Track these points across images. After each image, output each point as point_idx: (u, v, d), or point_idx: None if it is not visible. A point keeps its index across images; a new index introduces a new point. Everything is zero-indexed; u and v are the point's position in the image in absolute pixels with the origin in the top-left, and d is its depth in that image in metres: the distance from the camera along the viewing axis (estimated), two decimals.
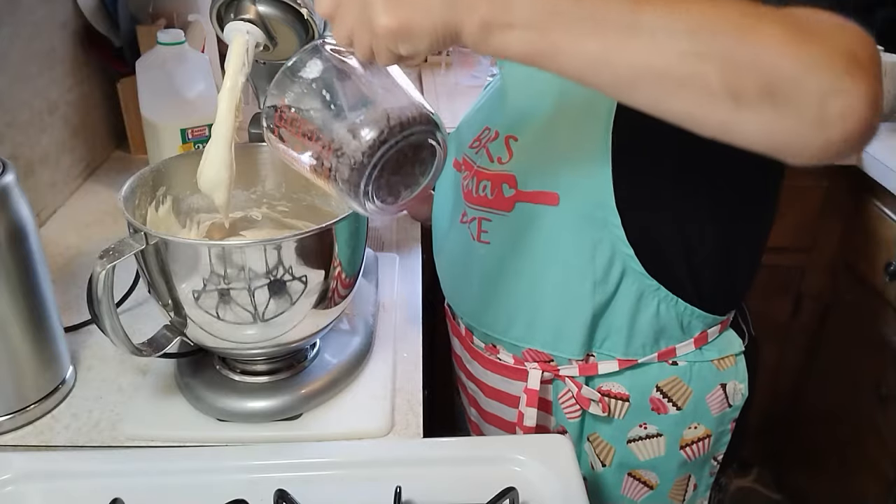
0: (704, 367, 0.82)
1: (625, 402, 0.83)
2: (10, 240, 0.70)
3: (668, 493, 0.88)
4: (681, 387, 0.82)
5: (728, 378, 0.84)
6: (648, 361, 0.81)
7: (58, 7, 1.23)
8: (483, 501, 0.64)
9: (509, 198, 0.78)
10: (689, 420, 0.84)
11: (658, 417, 0.83)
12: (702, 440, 0.85)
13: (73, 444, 0.74)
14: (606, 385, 0.83)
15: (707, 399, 0.83)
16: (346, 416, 0.77)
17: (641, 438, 0.85)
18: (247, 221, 0.88)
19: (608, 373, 0.82)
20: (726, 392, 0.84)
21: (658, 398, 0.83)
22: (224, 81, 0.72)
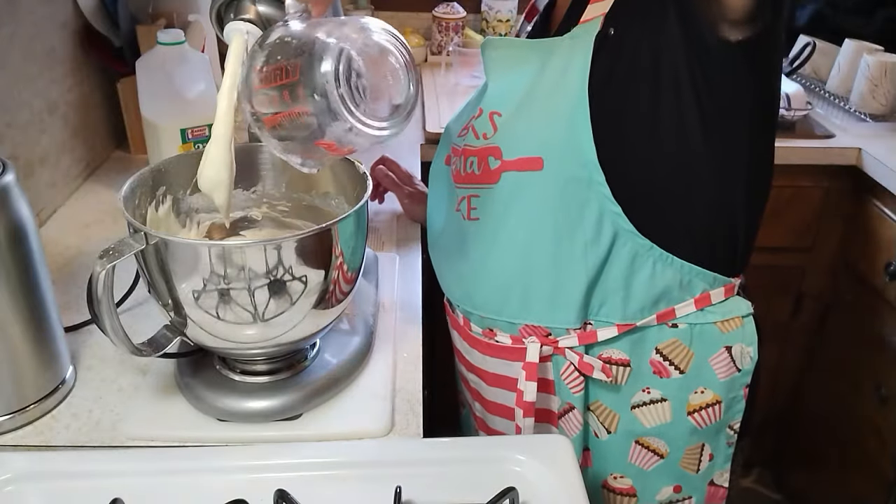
0: (707, 328, 0.81)
1: (626, 367, 0.83)
2: (10, 240, 0.70)
3: (679, 462, 0.86)
4: (681, 349, 0.82)
5: (734, 340, 0.82)
6: (647, 324, 0.81)
7: (58, 7, 1.23)
8: (483, 501, 0.64)
9: (495, 169, 0.80)
10: (694, 384, 0.83)
11: (660, 381, 0.83)
12: (711, 406, 0.84)
13: (73, 444, 0.74)
14: (606, 352, 0.83)
15: (711, 362, 0.82)
16: (346, 416, 0.77)
17: (646, 404, 0.84)
18: (247, 221, 0.88)
19: (607, 339, 0.82)
20: (732, 355, 0.82)
21: (658, 361, 0.82)
22: (223, 81, 0.72)
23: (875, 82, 1.63)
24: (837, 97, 1.74)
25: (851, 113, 1.67)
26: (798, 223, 1.63)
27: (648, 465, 0.87)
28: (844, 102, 1.71)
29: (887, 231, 1.48)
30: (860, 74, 1.65)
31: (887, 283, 1.45)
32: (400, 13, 2.07)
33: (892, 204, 1.47)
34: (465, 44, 1.91)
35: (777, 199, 1.58)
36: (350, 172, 0.82)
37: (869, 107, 1.65)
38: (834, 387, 1.69)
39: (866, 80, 1.64)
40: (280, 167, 0.87)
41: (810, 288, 1.71)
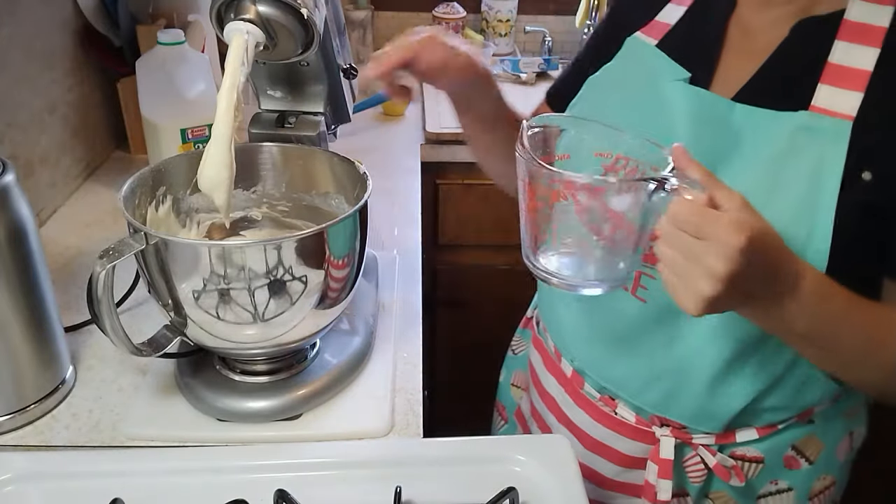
0: (837, 419, 0.81)
1: (759, 463, 0.79)
2: (10, 240, 0.70)
3: None
4: (815, 444, 0.80)
5: (855, 426, 0.83)
6: (789, 425, 0.78)
7: (58, 7, 1.23)
8: (483, 501, 0.64)
9: None
10: (820, 472, 0.82)
11: (790, 472, 0.80)
12: (828, 488, 0.84)
13: (73, 444, 0.74)
14: (740, 450, 0.78)
15: (836, 449, 0.82)
16: (346, 416, 0.77)
17: (772, 494, 0.81)
18: (247, 221, 0.88)
19: (745, 440, 0.78)
20: (852, 438, 0.84)
21: (792, 455, 0.79)
22: (223, 81, 0.72)
23: None
24: None
25: None
26: None
27: None
28: None
29: None
30: None
31: None
32: (400, 13, 2.07)
33: None
34: None
35: None
36: (350, 172, 0.82)
37: None
38: None
39: None
40: (280, 167, 0.87)
41: None
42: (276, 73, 0.92)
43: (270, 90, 0.94)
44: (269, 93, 0.95)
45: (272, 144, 0.87)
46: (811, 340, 0.64)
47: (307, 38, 0.79)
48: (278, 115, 0.94)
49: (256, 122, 0.93)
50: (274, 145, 0.87)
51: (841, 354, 0.66)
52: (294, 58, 0.81)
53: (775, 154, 0.66)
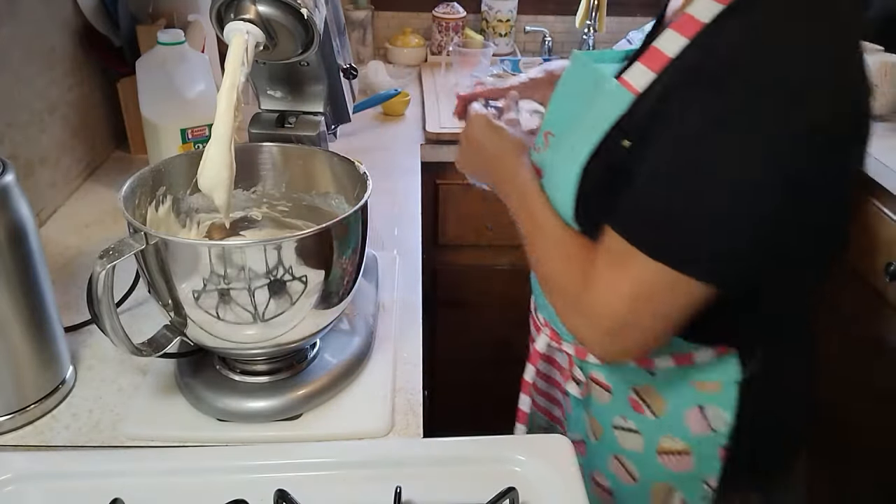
0: (682, 385, 0.82)
1: (607, 391, 0.87)
2: (10, 240, 0.70)
3: (649, 492, 0.88)
4: (655, 396, 0.84)
5: (708, 402, 0.82)
6: (627, 365, 0.84)
7: (58, 7, 1.23)
8: (483, 501, 0.64)
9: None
10: (666, 429, 0.84)
11: (636, 415, 0.85)
12: (681, 454, 0.84)
13: (73, 444, 0.74)
14: (595, 373, 0.88)
15: (684, 415, 0.83)
16: (346, 416, 0.77)
17: (623, 429, 0.87)
18: (247, 221, 0.88)
19: (595, 362, 0.88)
20: (705, 415, 0.82)
21: (635, 399, 0.85)
22: (223, 81, 0.72)
23: (875, 82, 1.63)
24: None
25: None
26: None
27: (624, 482, 0.89)
28: None
29: (887, 231, 1.48)
30: None
31: (887, 283, 1.45)
32: (400, 13, 2.07)
33: (892, 204, 1.46)
34: (465, 44, 1.91)
35: None
36: (350, 172, 0.82)
37: None
38: (833, 387, 1.69)
39: None
40: (280, 167, 0.87)
41: None
42: (276, 73, 0.92)
43: (270, 90, 0.95)
44: (269, 93, 0.95)
45: (272, 144, 0.87)
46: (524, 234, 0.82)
47: (307, 38, 0.79)
48: (278, 115, 0.94)
49: (256, 122, 0.93)
50: (274, 145, 0.87)
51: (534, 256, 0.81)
52: (294, 58, 0.82)
53: (585, 106, 0.78)
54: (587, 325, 0.73)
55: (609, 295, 0.70)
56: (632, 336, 0.71)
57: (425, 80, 1.87)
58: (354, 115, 1.13)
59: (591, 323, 0.72)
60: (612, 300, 0.70)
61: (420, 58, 2.01)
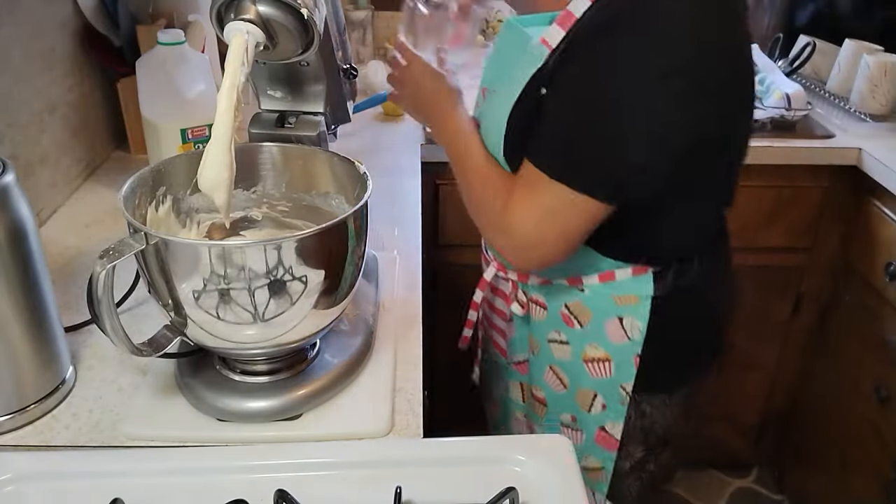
0: (605, 299, 0.96)
1: (543, 309, 1.02)
2: (10, 240, 0.70)
3: (574, 398, 1.03)
4: (583, 310, 0.98)
5: (626, 313, 0.96)
6: (561, 283, 0.99)
7: (58, 7, 1.23)
8: (483, 501, 0.64)
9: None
10: (590, 339, 0.98)
11: (566, 329, 1.00)
12: (602, 361, 0.99)
13: (73, 444, 0.74)
14: (534, 294, 1.03)
15: (605, 326, 0.97)
16: (346, 416, 0.77)
17: (556, 341, 1.02)
18: (247, 221, 0.88)
19: (534, 285, 1.02)
20: (623, 325, 0.96)
21: (566, 314, 1.00)
22: (223, 81, 0.72)
23: (875, 82, 1.63)
24: (837, 97, 1.74)
25: (851, 113, 1.67)
26: (798, 223, 1.63)
27: (556, 389, 1.05)
28: (844, 102, 1.71)
29: (887, 231, 1.48)
30: (860, 74, 1.65)
31: (887, 283, 1.45)
32: (400, 13, 2.07)
33: (892, 204, 1.47)
34: None
35: (777, 199, 1.59)
36: (350, 172, 0.82)
37: (869, 107, 1.65)
38: (834, 387, 1.69)
39: (866, 81, 1.64)
40: (280, 167, 0.87)
41: (810, 288, 1.71)
42: (276, 73, 0.92)
43: (270, 90, 0.95)
44: (269, 93, 0.95)
45: (272, 144, 0.87)
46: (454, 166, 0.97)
47: (307, 38, 0.79)
48: (278, 115, 0.94)
49: (256, 122, 0.93)
50: (274, 145, 0.87)
51: (463, 184, 0.95)
52: (294, 58, 0.82)
53: (514, 62, 0.91)
54: (505, 241, 0.88)
55: (521, 215, 0.85)
56: (540, 250, 0.86)
57: None
58: (354, 115, 1.13)
59: (508, 240, 0.88)
60: (524, 219, 0.85)
61: None
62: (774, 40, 1.86)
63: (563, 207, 0.82)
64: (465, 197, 0.96)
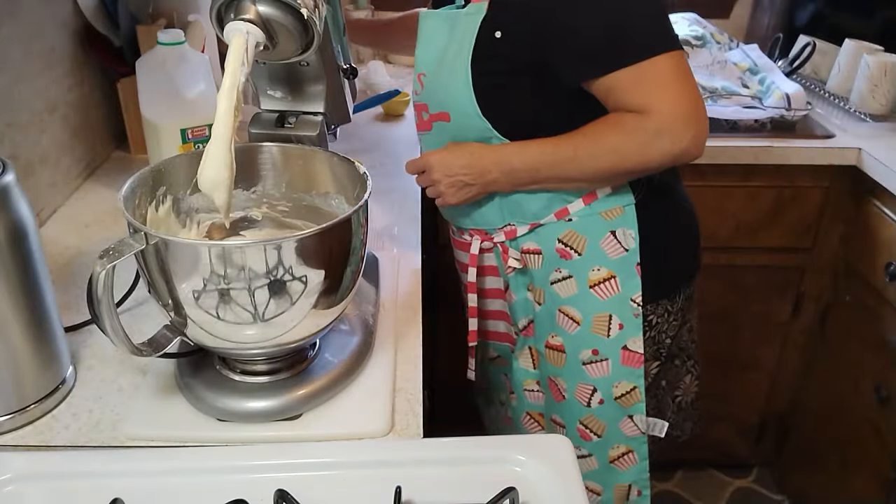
0: (593, 218, 1.01)
1: (538, 255, 1.05)
2: (10, 240, 0.70)
3: (590, 329, 1.05)
4: (576, 237, 1.02)
5: (616, 226, 1.01)
6: (549, 221, 1.03)
7: (58, 7, 1.23)
8: (483, 501, 0.64)
9: (427, 120, 1.06)
10: (591, 263, 1.02)
11: (565, 262, 1.04)
12: (607, 280, 1.03)
13: (73, 444, 0.74)
14: (526, 244, 1.06)
15: (601, 245, 1.02)
16: (346, 416, 0.77)
17: (559, 281, 1.05)
18: (247, 221, 0.88)
19: (523, 234, 1.05)
20: (617, 237, 1.01)
21: (562, 248, 1.03)
22: (223, 81, 0.72)
23: (875, 82, 1.63)
24: (837, 97, 1.74)
25: (851, 113, 1.67)
26: (798, 223, 1.63)
27: (571, 330, 1.06)
28: (844, 102, 1.71)
29: (887, 231, 1.48)
30: (860, 74, 1.65)
31: (887, 283, 1.45)
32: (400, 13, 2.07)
33: (892, 204, 1.46)
34: None
35: (777, 199, 1.59)
36: (350, 172, 0.82)
37: (869, 107, 1.65)
38: (834, 387, 1.69)
39: (866, 80, 1.64)
40: (280, 167, 0.87)
41: (810, 288, 1.71)
42: (276, 73, 0.92)
43: (270, 90, 0.95)
44: (269, 93, 0.95)
45: (272, 144, 0.87)
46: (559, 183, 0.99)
47: (307, 38, 0.79)
48: (278, 115, 0.94)
49: (256, 122, 0.93)
50: (274, 145, 0.87)
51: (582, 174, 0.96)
52: (294, 58, 0.82)
53: (446, 41, 0.99)
54: (672, 139, 0.88)
55: (664, 105, 0.87)
56: (701, 112, 0.88)
57: None
58: (354, 115, 1.13)
59: (674, 133, 0.88)
60: (671, 105, 0.87)
61: None
62: (774, 40, 1.86)
63: (677, 70, 0.87)
64: (599, 173, 0.96)
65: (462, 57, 0.95)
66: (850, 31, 1.77)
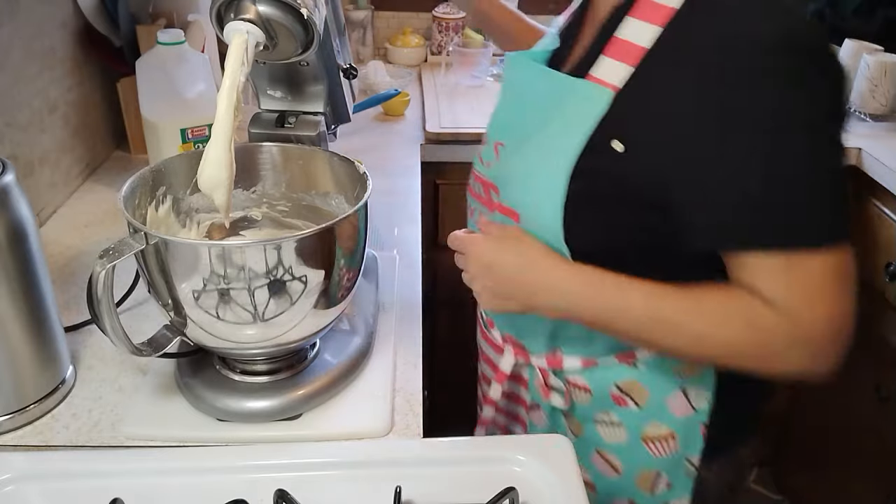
0: (664, 372, 0.83)
1: (587, 392, 0.86)
2: (10, 240, 0.70)
3: (634, 482, 0.89)
4: (639, 388, 0.84)
5: (690, 384, 0.84)
6: (608, 363, 0.84)
7: (58, 7, 1.23)
8: (483, 501, 0.64)
9: (493, 202, 0.84)
10: (650, 417, 0.85)
11: (619, 409, 0.85)
12: (666, 439, 0.86)
13: (72, 444, 0.74)
14: (572, 378, 0.86)
15: (667, 401, 0.84)
16: (346, 416, 0.77)
17: (605, 423, 0.87)
18: (247, 221, 0.88)
19: (572, 369, 0.85)
20: (688, 397, 0.84)
21: (618, 394, 0.85)
22: (223, 81, 0.72)
23: (875, 82, 1.63)
24: None
25: (851, 113, 1.67)
26: None
27: (608, 475, 0.90)
28: None
29: (887, 231, 1.48)
30: (860, 74, 1.65)
31: (887, 283, 1.45)
32: (400, 13, 2.07)
33: (892, 204, 1.46)
34: (465, 44, 1.91)
35: None
36: (350, 172, 0.82)
37: (869, 107, 1.65)
38: (834, 387, 1.69)
39: (866, 80, 1.64)
40: (280, 167, 0.87)
41: None
42: (276, 73, 0.92)
43: (270, 90, 0.95)
44: (269, 93, 0.95)
45: (272, 144, 0.87)
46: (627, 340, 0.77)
47: (307, 38, 0.79)
48: (278, 115, 0.94)
49: (256, 122, 0.93)
50: (274, 145, 0.87)
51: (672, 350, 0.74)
52: (294, 58, 0.81)
53: (544, 114, 0.75)
54: (813, 356, 0.68)
55: (813, 311, 0.67)
56: (851, 328, 0.68)
57: (425, 80, 1.87)
58: (354, 115, 1.13)
59: (817, 350, 0.68)
60: (819, 311, 0.66)
61: (420, 58, 2.01)
62: None
63: (838, 272, 0.67)
64: (709, 360, 0.76)
65: (562, 159, 0.71)
66: (850, 31, 1.77)
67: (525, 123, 0.78)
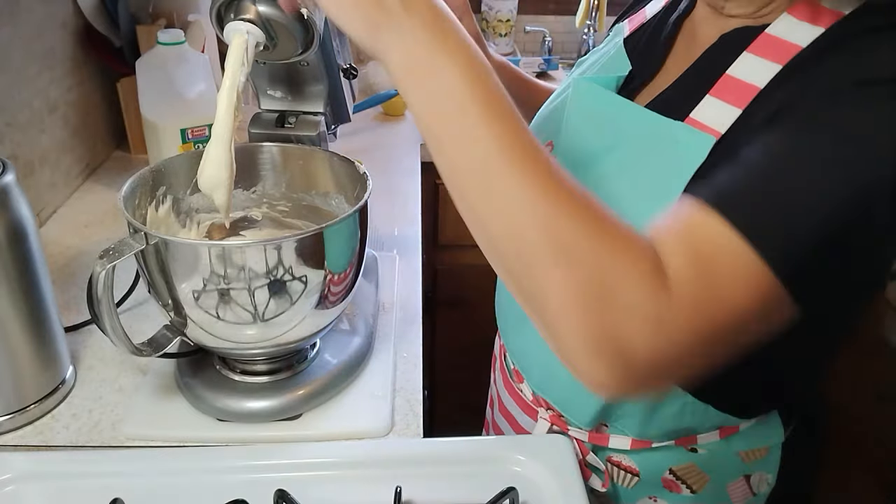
0: (729, 457, 0.76)
1: (634, 475, 0.77)
2: (10, 240, 0.70)
3: None
4: (697, 474, 0.76)
5: (754, 469, 0.77)
6: (665, 446, 0.75)
7: (58, 7, 1.23)
8: (483, 501, 0.64)
9: None
10: (706, 503, 0.78)
11: (669, 494, 0.77)
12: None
13: (72, 444, 0.74)
14: (617, 456, 0.77)
15: (728, 488, 0.78)
16: (346, 416, 0.77)
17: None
18: (247, 221, 0.88)
19: (617, 448, 0.76)
20: (750, 483, 0.78)
21: (671, 479, 0.76)
22: (223, 81, 0.72)
23: None
24: None
25: None
26: None
27: None
28: None
29: None
30: None
31: (887, 282, 1.45)
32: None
33: None
34: None
35: None
36: (350, 172, 0.82)
37: None
38: (833, 387, 1.69)
39: None
40: (280, 167, 0.87)
41: None
42: (276, 73, 0.92)
43: (270, 90, 0.94)
44: (269, 93, 0.95)
45: (272, 144, 0.87)
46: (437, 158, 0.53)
47: (307, 38, 0.79)
48: (278, 115, 0.93)
49: (256, 122, 0.93)
50: (274, 145, 0.87)
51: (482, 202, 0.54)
52: (294, 58, 0.81)
53: (641, 154, 0.64)
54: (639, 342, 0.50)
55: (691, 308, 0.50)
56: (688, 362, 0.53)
57: None
58: (354, 115, 1.13)
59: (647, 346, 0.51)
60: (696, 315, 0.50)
61: None
62: None
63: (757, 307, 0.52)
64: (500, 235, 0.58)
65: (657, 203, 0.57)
66: None
67: (589, 156, 0.68)
